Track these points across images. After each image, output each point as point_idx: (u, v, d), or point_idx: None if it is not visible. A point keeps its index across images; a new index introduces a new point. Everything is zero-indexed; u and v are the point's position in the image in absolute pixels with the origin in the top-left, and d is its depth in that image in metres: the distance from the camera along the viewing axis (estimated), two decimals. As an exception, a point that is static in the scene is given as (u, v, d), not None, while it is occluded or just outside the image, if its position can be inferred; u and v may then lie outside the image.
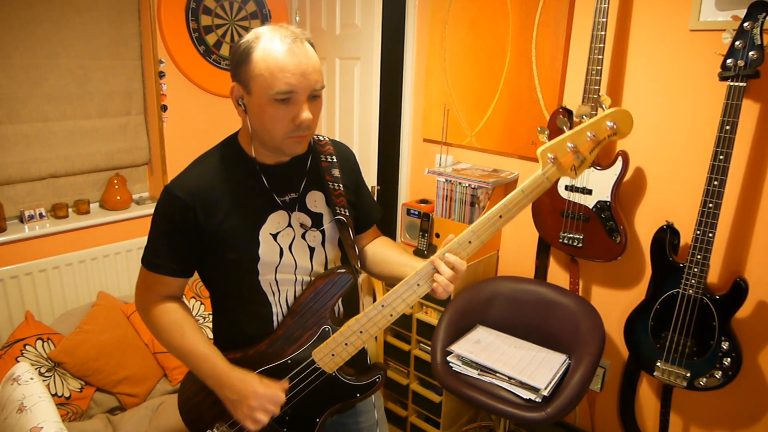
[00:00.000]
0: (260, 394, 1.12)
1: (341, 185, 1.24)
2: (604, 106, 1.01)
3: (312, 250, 1.21)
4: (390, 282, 1.16)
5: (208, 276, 1.23)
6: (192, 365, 1.17)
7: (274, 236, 1.15)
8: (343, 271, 1.18)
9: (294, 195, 1.19)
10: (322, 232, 1.22)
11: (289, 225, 1.18)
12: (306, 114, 1.05)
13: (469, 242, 1.09)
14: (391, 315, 1.14)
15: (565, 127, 1.04)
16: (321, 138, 1.28)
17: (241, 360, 1.18)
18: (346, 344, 1.16)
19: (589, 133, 1.01)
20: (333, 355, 1.18)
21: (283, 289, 1.19)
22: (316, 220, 1.21)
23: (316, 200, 1.22)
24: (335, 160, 1.26)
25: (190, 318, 1.19)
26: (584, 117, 1.02)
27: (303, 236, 1.19)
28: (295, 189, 1.20)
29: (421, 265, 1.12)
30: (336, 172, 1.24)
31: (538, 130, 1.86)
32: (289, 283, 1.19)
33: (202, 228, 1.11)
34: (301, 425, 1.24)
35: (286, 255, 1.17)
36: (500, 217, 1.07)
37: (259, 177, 1.16)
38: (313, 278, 1.21)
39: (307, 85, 1.04)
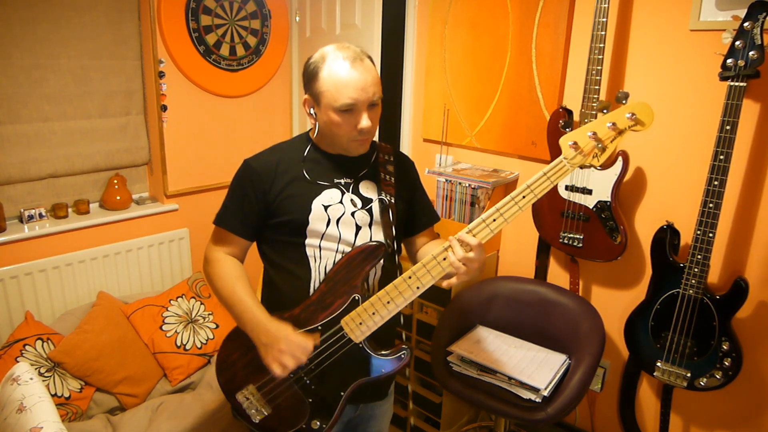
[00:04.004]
0: (291, 339, 1.24)
1: (393, 178, 1.40)
2: (624, 101, 1.12)
3: (358, 228, 1.33)
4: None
5: (263, 240, 1.38)
6: (235, 313, 1.30)
7: (326, 208, 1.30)
8: (374, 244, 1.29)
9: (350, 180, 1.35)
10: (370, 212, 1.34)
11: (341, 202, 1.32)
12: (365, 122, 1.23)
13: (494, 220, 1.16)
14: (418, 288, 1.22)
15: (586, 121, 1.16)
16: (385, 144, 1.46)
17: None
18: (373, 313, 1.25)
19: (608, 123, 1.12)
20: (360, 323, 1.27)
21: (324, 257, 1.31)
22: (366, 202, 1.35)
23: (368, 187, 1.37)
24: (392, 159, 1.44)
25: (243, 275, 1.34)
26: (604, 111, 1.13)
27: (352, 214, 1.32)
28: (352, 176, 1.36)
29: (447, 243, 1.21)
30: (390, 168, 1.42)
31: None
32: (331, 252, 1.31)
33: (267, 193, 1.29)
34: (326, 396, 1.32)
35: (332, 226, 1.30)
36: (523, 197, 1.15)
37: (323, 159, 1.34)
38: None
39: (366, 98, 1.22)
